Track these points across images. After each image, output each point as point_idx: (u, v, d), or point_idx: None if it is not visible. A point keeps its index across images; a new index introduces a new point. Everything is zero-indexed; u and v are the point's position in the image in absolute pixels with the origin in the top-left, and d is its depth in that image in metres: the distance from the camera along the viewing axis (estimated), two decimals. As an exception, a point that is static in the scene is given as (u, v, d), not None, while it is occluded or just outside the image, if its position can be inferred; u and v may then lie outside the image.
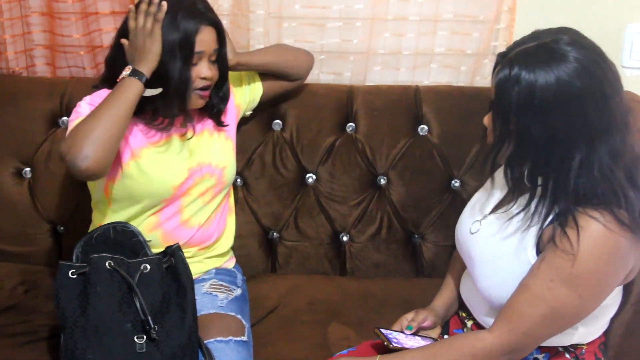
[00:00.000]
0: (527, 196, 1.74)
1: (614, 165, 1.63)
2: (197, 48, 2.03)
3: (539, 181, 1.72)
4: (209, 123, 2.24)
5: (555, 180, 1.67)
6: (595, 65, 1.60)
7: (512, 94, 1.63)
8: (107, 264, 1.93)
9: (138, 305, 1.89)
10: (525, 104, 1.62)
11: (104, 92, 2.08)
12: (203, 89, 2.09)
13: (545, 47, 1.63)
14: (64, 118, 2.52)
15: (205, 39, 2.04)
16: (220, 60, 2.14)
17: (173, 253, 2.03)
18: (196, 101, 2.11)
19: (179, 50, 2.00)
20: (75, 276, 1.92)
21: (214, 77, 2.11)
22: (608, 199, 1.62)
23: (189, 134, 2.16)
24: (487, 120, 1.77)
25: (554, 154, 1.65)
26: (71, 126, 2.00)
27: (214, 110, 2.22)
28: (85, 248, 2.05)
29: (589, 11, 2.55)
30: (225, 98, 2.23)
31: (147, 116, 2.10)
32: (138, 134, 2.11)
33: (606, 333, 1.89)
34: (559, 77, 1.59)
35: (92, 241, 2.06)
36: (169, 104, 2.06)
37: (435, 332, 2.03)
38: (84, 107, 2.05)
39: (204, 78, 2.07)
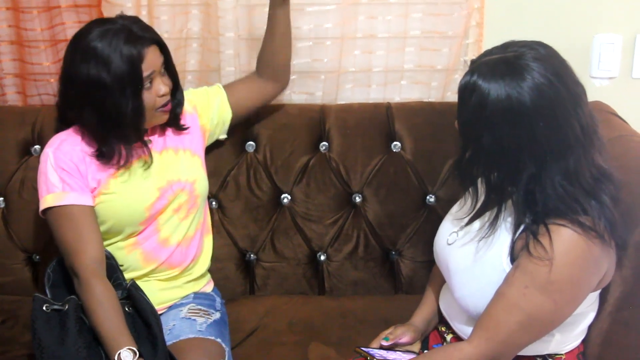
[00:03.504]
0: (498, 207, 1.76)
1: (568, 184, 1.65)
2: (146, 72, 2.00)
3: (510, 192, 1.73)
4: (174, 141, 2.22)
5: (517, 192, 1.69)
6: (549, 86, 1.61)
7: (469, 101, 1.66)
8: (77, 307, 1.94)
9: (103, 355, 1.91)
10: (478, 113, 1.65)
11: (67, 150, 2.07)
12: (164, 104, 2.09)
13: (506, 61, 1.64)
14: (36, 146, 2.51)
15: (151, 60, 2.01)
16: (169, 68, 2.12)
17: (131, 294, 2.03)
18: (161, 117, 2.12)
19: (128, 84, 1.97)
20: (49, 311, 1.92)
21: (170, 88, 2.10)
22: (565, 213, 1.64)
23: (149, 161, 2.13)
24: (457, 123, 1.79)
25: (503, 165, 1.68)
26: (42, 191, 2.03)
27: (172, 115, 2.19)
28: (57, 268, 2.06)
29: (557, 23, 2.56)
30: (181, 102, 2.21)
31: (103, 158, 2.08)
32: (97, 173, 2.08)
33: (584, 342, 1.90)
34: (510, 93, 1.61)
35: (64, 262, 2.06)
36: (126, 136, 2.06)
37: (416, 347, 2.03)
38: (50, 172, 2.03)
39: (162, 95, 2.06)
